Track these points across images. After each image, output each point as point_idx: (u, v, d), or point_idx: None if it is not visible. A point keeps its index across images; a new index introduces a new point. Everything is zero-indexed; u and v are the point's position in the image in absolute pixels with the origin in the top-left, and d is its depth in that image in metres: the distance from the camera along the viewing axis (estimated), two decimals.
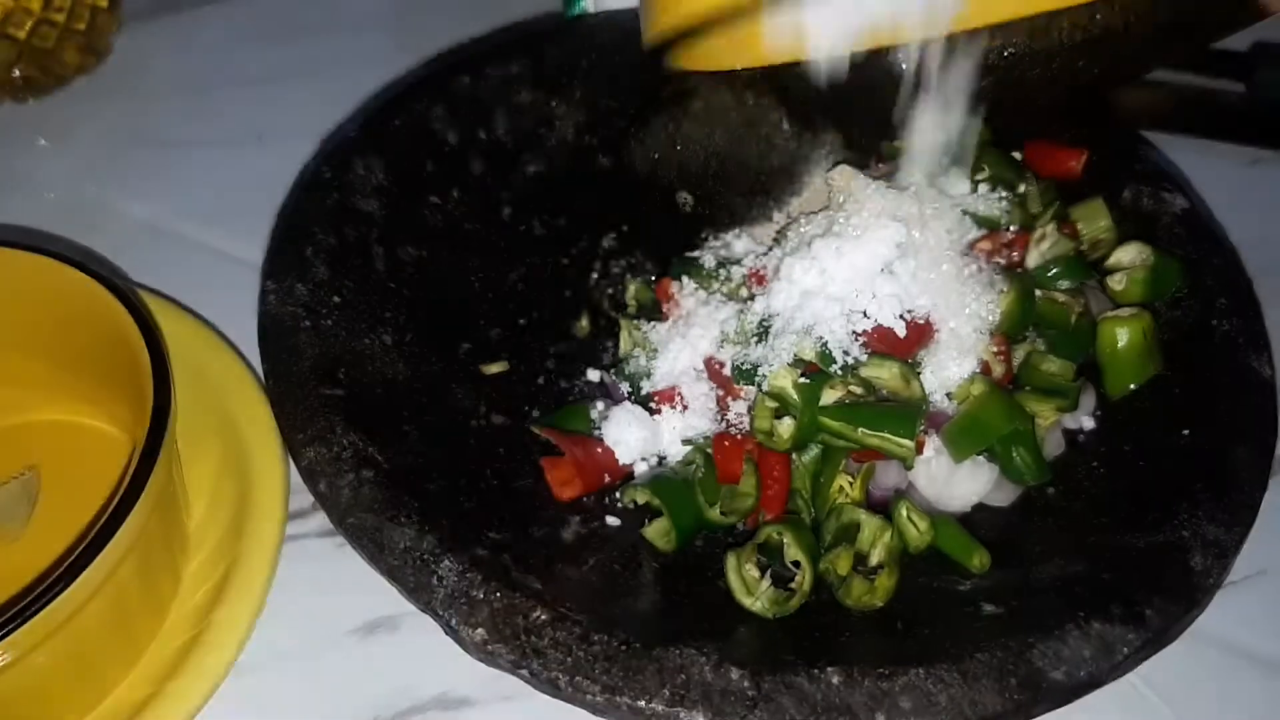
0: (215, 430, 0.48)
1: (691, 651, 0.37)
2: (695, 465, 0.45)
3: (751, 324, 0.45)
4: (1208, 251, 0.50)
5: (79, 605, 0.37)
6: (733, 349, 0.45)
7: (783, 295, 0.44)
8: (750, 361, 0.44)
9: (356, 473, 0.41)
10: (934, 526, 0.42)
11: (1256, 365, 0.46)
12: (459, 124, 0.55)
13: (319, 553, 0.48)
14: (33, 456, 0.48)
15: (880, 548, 0.41)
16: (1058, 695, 0.37)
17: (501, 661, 0.37)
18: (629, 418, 0.46)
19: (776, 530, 0.42)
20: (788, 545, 0.41)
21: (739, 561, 0.42)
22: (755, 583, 0.41)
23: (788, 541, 0.41)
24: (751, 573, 0.41)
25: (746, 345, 0.45)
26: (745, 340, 0.45)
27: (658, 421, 0.46)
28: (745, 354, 0.44)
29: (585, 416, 0.48)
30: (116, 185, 0.63)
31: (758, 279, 0.46)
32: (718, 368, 0.45)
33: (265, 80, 0.69)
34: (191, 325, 0.51)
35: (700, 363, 0.46)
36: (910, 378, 0.43)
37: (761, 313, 0.45)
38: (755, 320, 0.45)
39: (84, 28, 0.64)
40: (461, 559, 0.39)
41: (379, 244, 0.51)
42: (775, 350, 0.44)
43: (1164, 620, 0.38)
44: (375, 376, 0.46)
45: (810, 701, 0.36)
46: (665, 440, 0.46)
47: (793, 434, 0.42)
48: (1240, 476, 0.42)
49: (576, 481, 0.45)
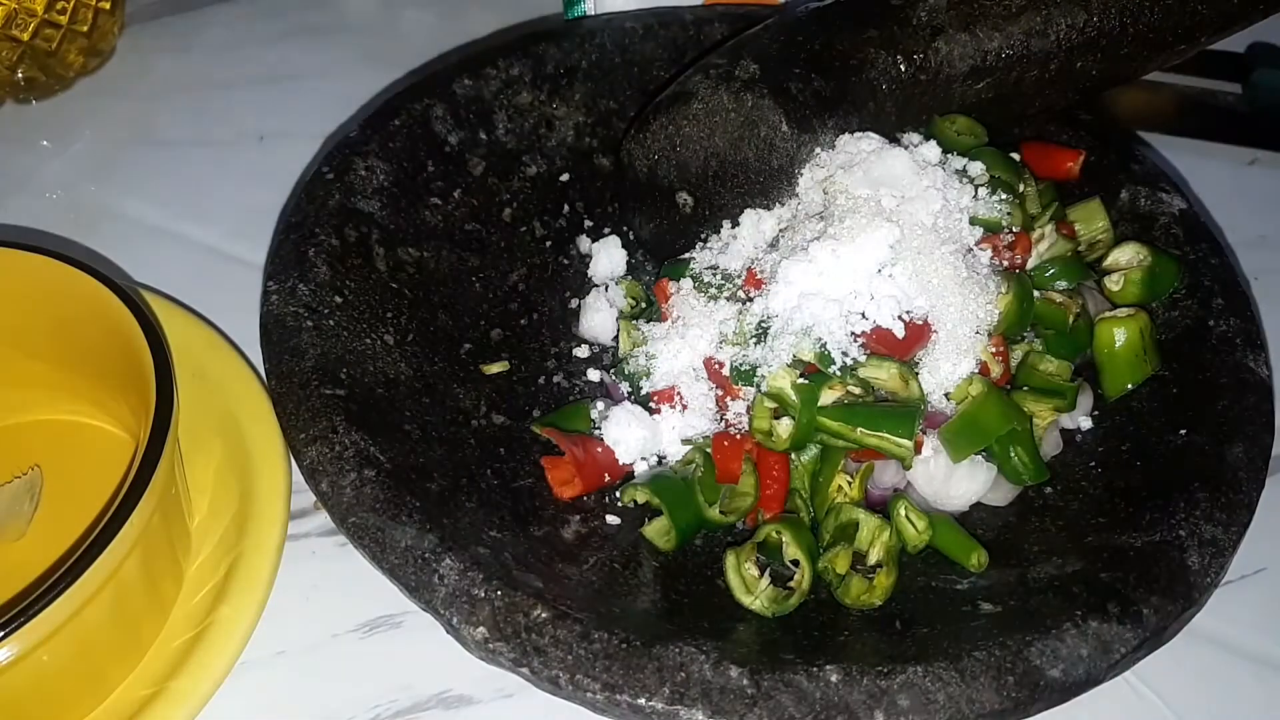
0: (217, 430, 0.48)
1: (691, 650, 0.37)
2: (695, 464, 0.45)
3: (750, 325, 0.45)
4: (1205, 252, 0.50)
5: (82, 604, 0.37)
6: (731, 350, 0.46)
7: (781, 297, 0.44)
8: (749, 362, 0.44)
9: (358, 472, 0.41)
10: (932, 525, 0.43)
11: (1253, 365, 0.46)
12: (460, 125, 0.56)
13: (320, 552, 0.48)
14: (35, 456, 0.48)
15: (878, 546, 0.42)
16: (1055, 693, 0.37)
17: (502, 660, 0.37)
18: (629, 418, 0.46)
19: (775, 529, 0.42)
20: (786, 544, 0.42)
21: (738, 560, 0.42)
22: (755, 581, 0.41)
23: (787, 540, 0.42)
24: (751, 571, 0.42)
25: (745, 346, 0.45)
26: (744, 341, 0.45)
27: (657, 421, 0.47)
28: (744, 355, 0.45)
29: (586, 416, 0.48)
30: (119, 185, 0.63)
31: (754, 282, 0.47)
32: (717, 368, 0.46)
33: (267, 81, 0.69)
34: (193, 325, 0.52)
35: (699, 363, 0.47)
36: (909, 378, 0.43)
37: (760, 314, 0.45)
38: (754, 321, 0.45)
39: (86, 29, 0.64)
40: (462, 558, 0.39)
41: (380, 244, 0.51)
42: (774, 351, 0.44)
43: (1161, 619, 0.38)
44: (377, 376, 0.46)
45: (809, 700, 0.36)
46: (665, 440, 0.47)
47: (791, 434, 0.43)
48: (1237, 476, 0.42)
49: (576, 481, 0.45)
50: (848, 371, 0.43)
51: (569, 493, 0.46)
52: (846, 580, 0.41)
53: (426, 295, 0.51)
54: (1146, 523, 0.42)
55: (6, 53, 0.61)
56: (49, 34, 0.62)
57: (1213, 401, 0.45)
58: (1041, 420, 0.45)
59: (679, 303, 0.48)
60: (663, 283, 0.50)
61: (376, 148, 0.53)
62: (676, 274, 0.50)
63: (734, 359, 0.45)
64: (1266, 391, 0.45)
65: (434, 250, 0.53)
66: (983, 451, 0.44)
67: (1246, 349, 0.47)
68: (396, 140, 0.53)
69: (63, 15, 0.62)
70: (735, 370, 0.45)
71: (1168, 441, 0.45)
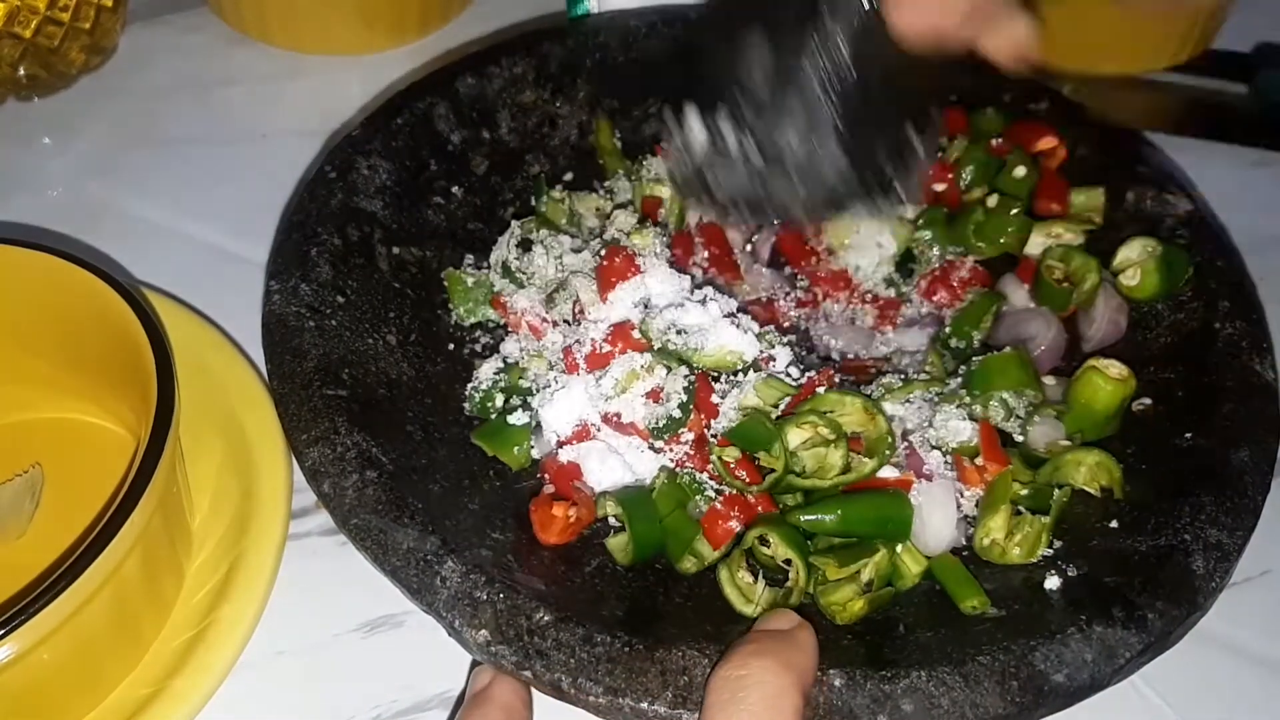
0: (218, 428, 0.48)
1: (694, 653, 0.37)
2: (659, 480, 0.44)
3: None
4: (1211, 254, 0.50)
5: (82, 602, 0.37)
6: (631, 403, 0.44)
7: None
8: (666, 417, 0.44)
9: (360, 473, 0.41)
10: (928, 569, 0.42)
11: (1259, 368, 0.46)
12: (463, 123, 0.55)
13: (322, 551, 0.48)
14: (37, 454, 0.48)
15: (872, 567, 0.41)
16: (1060, 698, 0.37)
17: (504, 663, 0.37)
18: (603, 453, 0.45)
19: (759, 533, 0.41)
20: (775, 545, 0.41)
21: (731, 572, 0.41)
22: (751, 588, 0.41)
23: (774, 541, 0.41)
24: (745, 579, 0.41)
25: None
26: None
27: (630, 454, 0.45)
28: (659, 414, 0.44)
29: (523, 436, 0.46)
30: (121, 183, 0.63)
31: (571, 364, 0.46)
32: (616, 419, 0.44)
33: (269, 79, 0.69)
34: (195, 323, 0.51)
35: (598, 419, 0.45)
36: (874, 412, 0.42)
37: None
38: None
39: (89, 26, 0.64)
40: (465, 560, 0.39)
41: (383, 244, 0.51)
42: (725, 416, 0.44)
43: (1166, 623, 0.38)
44: (379, 377, 0.46)
45: (813, 704, 0.36)
46: (643, 469, 0.45)
47: (770, 484, 0.42)
48: (1243, 479, 0.42)
49: (563, 534, 0.43)
50: (817, 412, 0.42)
51: (550, 540, 0.43)
52: (834, 584, 0.41)
53: (429, 295, 0.51)
54: (1151, 527, 0.42)
55: (9, 50, 0.61)
56: (51, 31, 0.62)
57: (1218, 405, 0.45)
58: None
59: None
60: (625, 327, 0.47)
61: (379, 146, 0.52)
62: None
63: (648, 419, 0.44)
64: (1273, 395, 0.45)
65: (437, 250, 0.53)
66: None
67: (1253, 352, 0.46)
68: (399, 139, 0.53)
69: (65, 12, 0.62)
70: (656, 429, 0.44)
71: (1173, 445, 0.44)
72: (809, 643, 0.36)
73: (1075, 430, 0.46)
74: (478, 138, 0.56)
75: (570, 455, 0.45)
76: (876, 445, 0.42)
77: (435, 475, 0.43)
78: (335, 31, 0.70)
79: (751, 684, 0.34)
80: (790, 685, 0.34)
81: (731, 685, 0.34)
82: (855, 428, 0.43)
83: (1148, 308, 0.50)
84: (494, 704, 0.38)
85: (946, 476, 0.44)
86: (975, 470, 0.44)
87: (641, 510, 0.43)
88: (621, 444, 0.45)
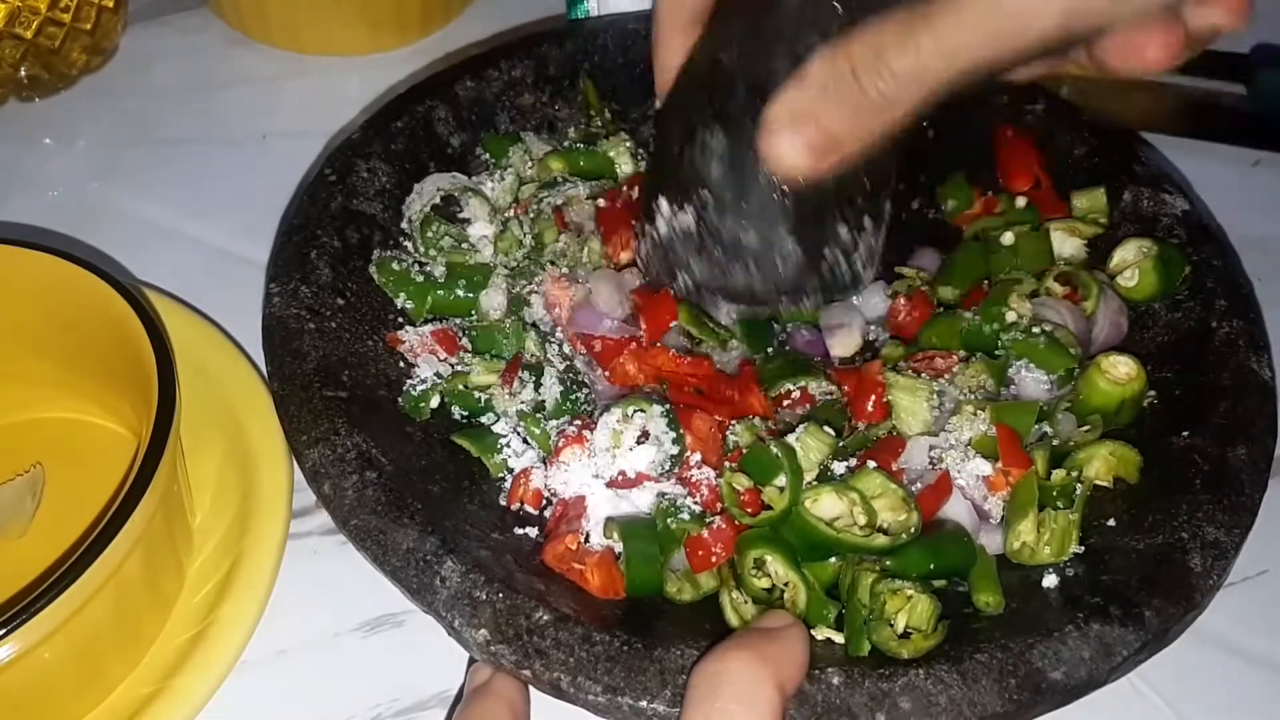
0: (219, 427, 0.48)
1: (693, 652, 0.37)
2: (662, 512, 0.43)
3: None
4: (1208, 253, 0.50)
5: (84, 601, 0.37)
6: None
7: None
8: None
9: (360, 474, 0.41)
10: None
11: (1256, 367, 0.46)
12: (462, 126, 0.56)
13: (322, 550, 0.48)
14: (38, 453, 0.48)
15: (905, 615, 0.39)
16: (1057, 695, 0.37)
17: (504, 662, 0.37)
18: (606, 498, 0.43)
19: (755, 555, 0.41)
20: (772, 563, 0.40)
21: (731, 601, 0.41)
22: (748, 610, 0.41)
23: (770, 560, 0.40)
24: (746, 605, 0.41)
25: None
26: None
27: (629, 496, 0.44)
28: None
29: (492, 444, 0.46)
30: (121, 184, 0.63)
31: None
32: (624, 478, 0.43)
33: (269, 79, 0.69)
34: (195, 323, 0.52)
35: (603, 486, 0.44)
36: (910, 506, 0.41)
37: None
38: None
39: (90, 27, 0.64)
40: (464, 560, 0.39)
41: (382, 246, 0.51)
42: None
43: (1163, 621, 0.38)
44: (379, 378, 0.46)
45: (811, 702, 0.36)
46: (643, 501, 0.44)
47: (765, 521, 0.41)
48: (1240, 478, 0.42)
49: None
50: (856, 490, 0.41)
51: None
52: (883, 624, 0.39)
53: None
54: (1149, 525, 0.42)
55: (9, 50, 0.62)
56: (52, 32, 0.62)
57: (1215, 403, 0.45)
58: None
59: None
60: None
61: (379, 149, 0.52)
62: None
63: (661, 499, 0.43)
64: (1269, 393, 0.45)
65: None
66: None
67: (1249, 351, 0.46)
68: (399, 142, 0.53)
69: (66, 13, 0.62)
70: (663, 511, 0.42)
71: (1170, 443, 0.45)
72: (796, 639, 0.36)
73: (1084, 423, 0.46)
74: (477, 140, 0.56)
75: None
76: (896, 531, 0.41)
77: (435, 475, 0.43)
78: (335, 32, 0.70)
79: (728, 678, 0.34)
80: (766, 679, 0.34)
81: (709, 679, 0.34)
82: (887, 514, 0.41)
83: (1145, 307, 0.50)
84: (497, 696, 0.38)
85: (972, 490, 0.43)
86: (999, 475, 0.43)
87: (642, 545, 0.41)
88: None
